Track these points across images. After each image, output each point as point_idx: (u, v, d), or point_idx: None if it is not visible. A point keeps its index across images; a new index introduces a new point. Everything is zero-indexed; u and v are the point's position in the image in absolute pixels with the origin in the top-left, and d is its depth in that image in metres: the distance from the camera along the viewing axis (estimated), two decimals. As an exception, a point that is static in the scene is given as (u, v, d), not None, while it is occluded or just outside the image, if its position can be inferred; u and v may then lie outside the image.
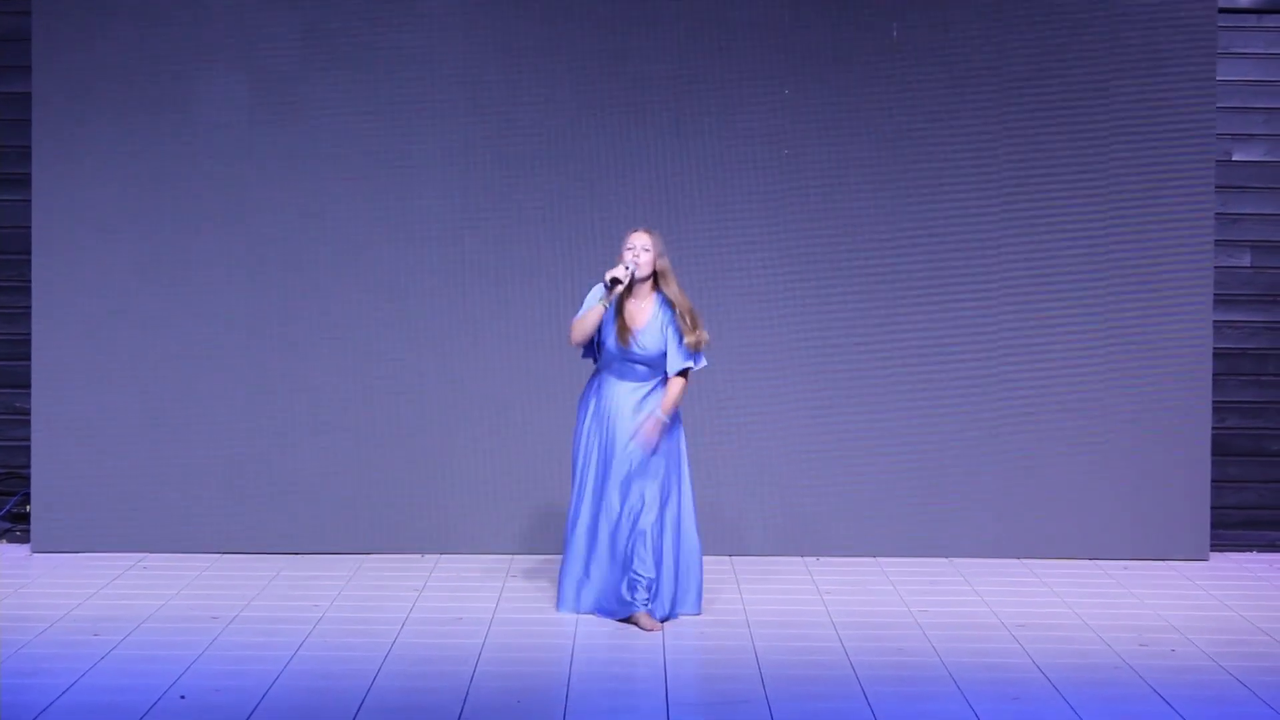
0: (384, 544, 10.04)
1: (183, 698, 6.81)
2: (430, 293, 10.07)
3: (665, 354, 8.35)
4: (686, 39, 10.03)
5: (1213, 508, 10.22)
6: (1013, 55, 10.03)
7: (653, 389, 8.40)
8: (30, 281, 10.15)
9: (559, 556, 9.88)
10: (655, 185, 10.00)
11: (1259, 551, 10.40)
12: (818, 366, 10.08)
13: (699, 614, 8.46)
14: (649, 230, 8.45)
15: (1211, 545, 10.18)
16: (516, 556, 9.95)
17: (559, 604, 8.55)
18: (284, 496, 10.04)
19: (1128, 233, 10.07)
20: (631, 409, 8.37)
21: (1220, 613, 8.71)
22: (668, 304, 8.38)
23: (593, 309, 8.32)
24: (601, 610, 8.42)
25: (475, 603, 8.72)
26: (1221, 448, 10.42)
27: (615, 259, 8.45)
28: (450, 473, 10.07)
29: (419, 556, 9.98)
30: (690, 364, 8.35)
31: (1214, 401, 10.23)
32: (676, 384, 8.36)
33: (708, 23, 10.02)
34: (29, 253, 10.16)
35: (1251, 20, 10.52)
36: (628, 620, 8.29)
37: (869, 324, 10.08)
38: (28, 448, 10.27)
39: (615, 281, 8.26)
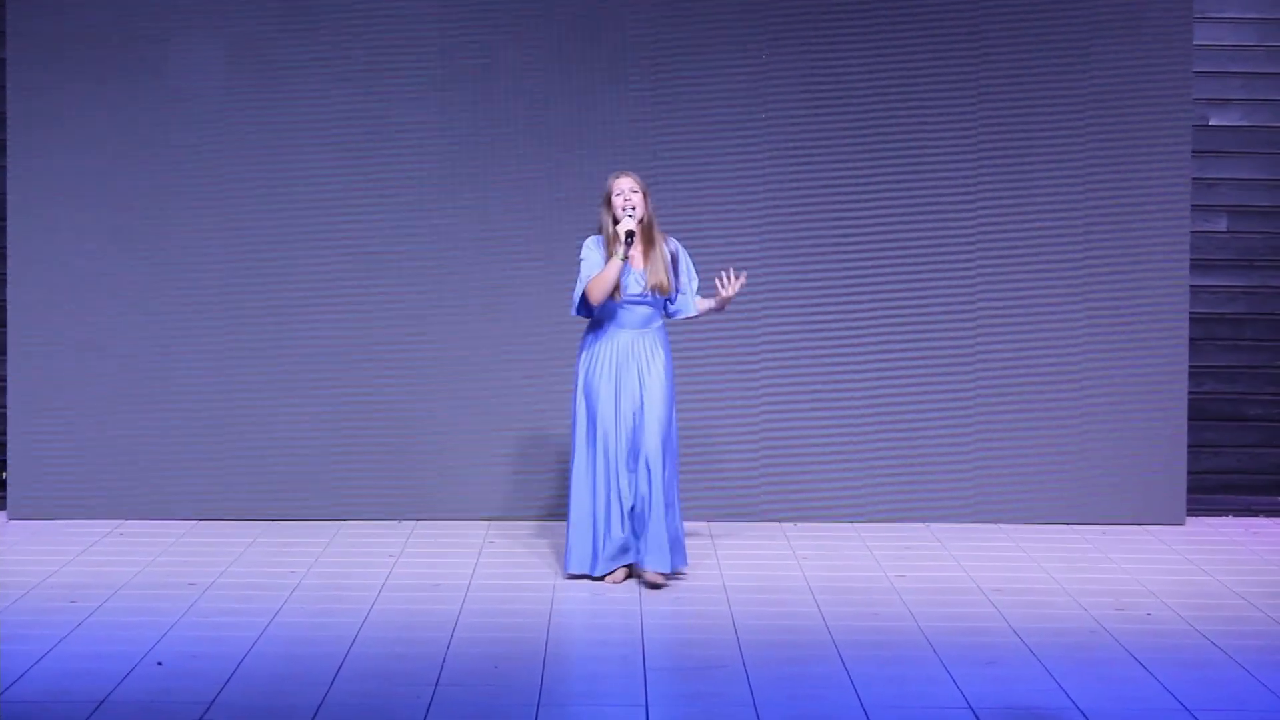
0: (361, 510, 10.03)
1: (160, 664, 6.80)
2: (407, 259, 10.05)
3: (672, 295, 8.43)
4: (664, 2, 10.00)
5: (1189, 472, 10.24)
6: (990, 18, 10.02)
7: (654, 331, 8.41)
8: (5, 248, 10.12)
9: (536, 523, 9.92)
10: (633, 149, 9.97)
11: (1235, 516, 10.42)
12: (793, 331, 10.07)
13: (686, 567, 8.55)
14: (630, 173, 8.40)
15: (1188, 510, 10.20)
16: (493, 522, 9.95)
17: (570, 566, 8.44)
18: (261, 463, 10.03)
19: (1104, 198, 10.07)
20: (644, 356, 8.33)
21: (1196, 577, 8.73)
22: (669, 245, 8.44)
23: (611, 265, 8.20)
24: (611, 562, 8.35)
25: (452, 568, 8.71)
26: (1198, 412, 10.44)
27: (597, 210, 8.45)
28: (427, 439, 10.06)
29: (396, 523, 9.97)
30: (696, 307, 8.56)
31: (1191, 366, 10.25)
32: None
33: (685, -13, 10.02)
34: (4, 219, 10.12)
35: (1229, -15, 10.53)
36: (633, 574, 8.40)
37: (845, 289, 10.07)
38: (3, 414, 10.24)
39: (630, 235, 8.18)
